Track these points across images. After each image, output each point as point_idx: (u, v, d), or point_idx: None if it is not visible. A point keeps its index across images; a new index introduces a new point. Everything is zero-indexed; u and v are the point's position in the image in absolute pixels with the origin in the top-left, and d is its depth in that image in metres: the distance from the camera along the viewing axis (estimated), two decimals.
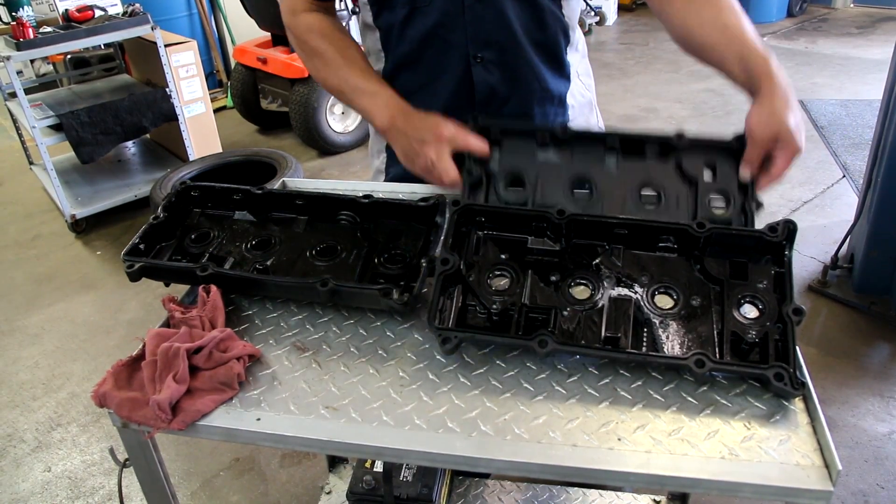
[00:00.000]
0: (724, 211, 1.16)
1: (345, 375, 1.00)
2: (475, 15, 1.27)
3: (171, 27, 5.00)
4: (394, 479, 1.62)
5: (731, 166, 1.16)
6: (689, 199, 1.18)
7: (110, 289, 3.50)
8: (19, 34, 3.50)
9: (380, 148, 1.55)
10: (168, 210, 1.25)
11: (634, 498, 1.79)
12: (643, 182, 1.21)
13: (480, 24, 1.28)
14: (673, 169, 1.20)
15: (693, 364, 0.90)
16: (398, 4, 1.30)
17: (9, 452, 2.54)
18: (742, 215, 1.14)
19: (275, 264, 1.18)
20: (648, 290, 1.04)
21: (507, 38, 1.30)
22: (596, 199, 1.21)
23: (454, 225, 1.09)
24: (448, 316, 1.03)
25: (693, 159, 1.20)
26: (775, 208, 3.79)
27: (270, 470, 2.40)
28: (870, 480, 2.20)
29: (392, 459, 0.91)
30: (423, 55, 1.34)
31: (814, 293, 3.08)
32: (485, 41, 1.30)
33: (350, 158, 4.82)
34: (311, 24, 1.38)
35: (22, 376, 2.92)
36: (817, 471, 0.81)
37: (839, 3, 7.90)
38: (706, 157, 1.19)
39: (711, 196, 1.17)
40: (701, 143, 1.20)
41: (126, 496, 2.16)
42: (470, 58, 1.31)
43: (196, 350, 0.99)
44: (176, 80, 4.00)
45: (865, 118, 4.72)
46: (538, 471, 0.86)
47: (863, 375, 2.62)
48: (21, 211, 4.43)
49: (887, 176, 2.74)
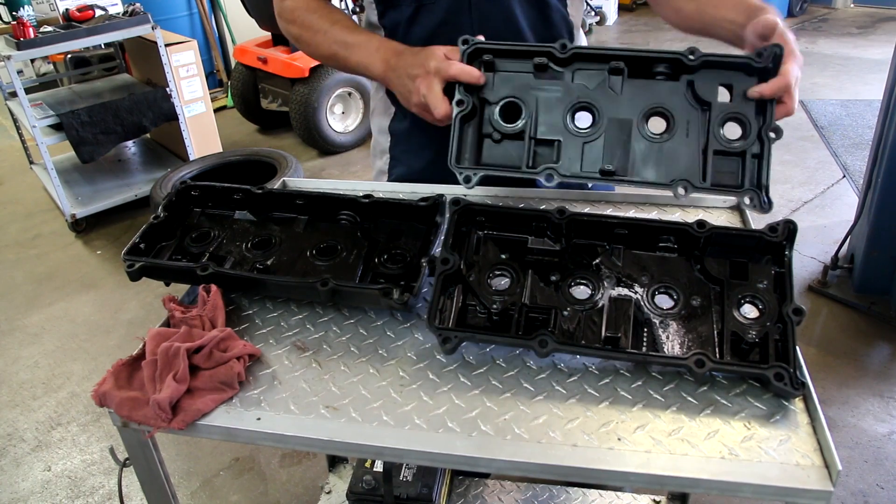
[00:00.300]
0: (739, 140, 1.11)
1: (345, 375, 1.00)
2: (481, 13, 1.28)
3: (172, 27, 5.00)
4: (394, 478, 1.62)
5: (748, 87, 1.11)
6: (700, 127, 1.13)
7: (110, 288, 3.51)
8: (20, 34, 3.50)
9: (383, 149, 1.55)
10: (168, 209, 1.25)
11: (634, 498, 1.79)
12: (651, 106, 1.15)
13: (486, 22, 1.28)
14: (684, 91, 1.15)
15: (693, 364, 0.90)
16: (404, 2, 1.31)
17: (9, 452, 2.54)
18: (759, 143, 1.10)
19: (275, 264, 1.18)
20: (648, 290, 1.04)
21: (514, 35, 1.30)
22: (599, 128, 1.16)
23: (454, 225, 1.09)
24: (448, 316, 1.03)
25: (706, 80, 1.13)
26: (775, 209, 3.78)
27: (270, 469, 2.40)
28: (869, 480, 2.20)
29: (392, 459, 0.91)
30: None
31: (814, 293, 3.08)
32: (491, 39, 1.29)
33: (350, 158, 4.82)
34: (297, 3, 1.38)
35: (22, 376, 2.92)
36: (817, 471, 0.81)
37: (839, 3, 7.90)
38: (721, 77, 1.13)
39: (727, 120, 1.12)
40: (716, 60, 1.12)
41: (126, 495, 2.17)
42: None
43: (196, 349, 0.99)
44: (176, 80, 4.00)
45: (865, 118, 4.72)
46: (538, 471, 0.86)
47: (863, 375, 2.62)
48: (21, 210, 4.43)
49: (887, 176, 2.74)
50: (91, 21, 3.80)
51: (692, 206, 1.35)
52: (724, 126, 1.12)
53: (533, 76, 1.19)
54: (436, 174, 1.38)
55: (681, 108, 1.14)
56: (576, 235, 1.10)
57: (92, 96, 4.09)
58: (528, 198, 1.39)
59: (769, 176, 1.10)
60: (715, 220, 1.16)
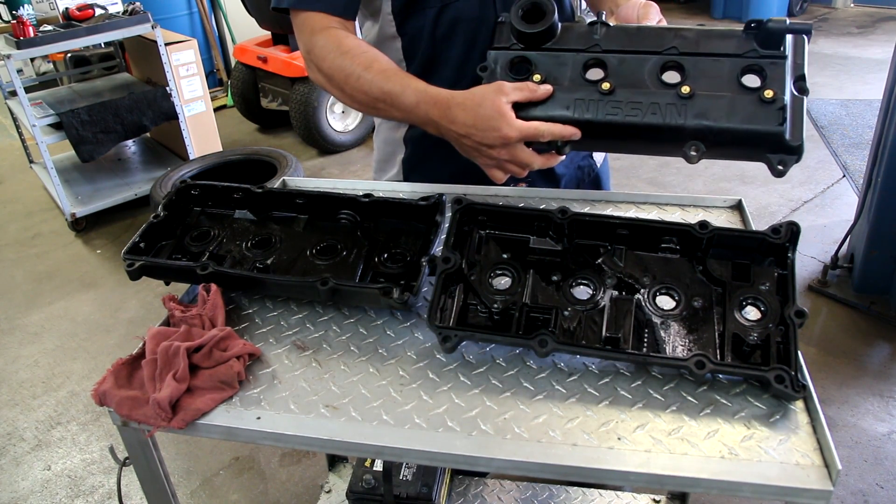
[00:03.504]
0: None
1: (345, 374, 1.00)
2: (506, 8, 1.26)
3: (172, 26, 5.00)
4: (394, 477, 1.62)
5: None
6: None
7: (110, 287, 3.50)
8: (20, 33, 3.50)
9: (393, 160, 1.51)
10: (168, 209, 1.25)
11: (634, 497, 1.79)
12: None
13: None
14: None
15: (694, 365, 0.90)
16: (428, 5, 1.29)
17: (8, 451, 2.54)
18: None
19: (275, 263, 1.18)
20: (650, 290, 1.04)
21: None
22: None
23: (456, 224, 1.09)
24: (449, 315, 1.03)
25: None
26: (775, 208, 3.79)
27: (270, 469, 2.40)
28: (869, 480, 2.20)
29: (392, 458, 0.91)
30: (450, 55, 1.33)
31: (814, 293, 3.08)
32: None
33: (350, 157, 4.82)
34: (328, 42, 1.24)
35: (22, 375, 2.92)
36: (817, 470, 0.81)
37: (839, 2, 7.90)
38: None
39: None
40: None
41: (126, 495, 2.17)
42: None
43: (196, 349, 0.99)
44: (176, 79, 4.00)
45: (865, 118, 4.72)
46: (538, 470, 0.86)
47: (863, 375, 2.62)
48: (21, 209, 4.43)
49: (887, 176, 2.74)
50: (91, 20, 3.80)
51: (692, 206, 1.35)
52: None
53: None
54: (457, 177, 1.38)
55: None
56: (578, 235, 1.10)
57: (92, 95, 4.09)
58: (530, 197, 1.39)
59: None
60: (715, 221, 1.16)
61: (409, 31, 1.33)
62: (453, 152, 1.19)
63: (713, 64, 1.09)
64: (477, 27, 1.30)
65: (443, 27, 1.31)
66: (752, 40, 1.09)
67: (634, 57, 1.12)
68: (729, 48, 1.10)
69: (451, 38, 1.31)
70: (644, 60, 1.12)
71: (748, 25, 1.10)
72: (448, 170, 1.40)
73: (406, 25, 1.33)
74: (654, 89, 1.09)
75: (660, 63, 1.11)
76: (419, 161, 1.47)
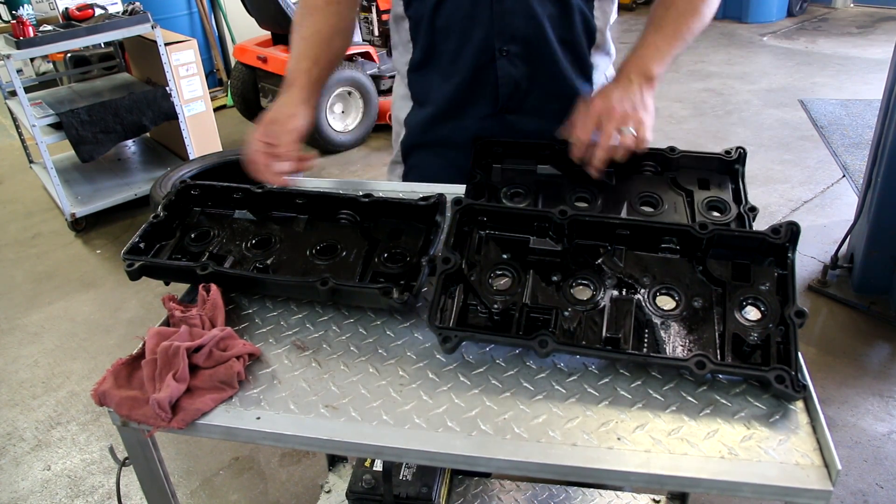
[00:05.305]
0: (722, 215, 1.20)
1: (345, 374, 1.00)
2: (503, 8, 1.29)
3: (172, 26, 5.00)
4: (393, 478, 1.62)
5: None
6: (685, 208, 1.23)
7: (110, 287, 3.50)
8: (19, 32, 3.50)
9: (398, 138, 1.56)
10: (168, 209, 1.25)
11: (634, 497, 1.79)
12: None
13: (508, 18, 1.29)
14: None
15: (694, 366, 0.90)
16: None
17: (8, 451, 2.54)
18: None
19: (275, 263, 1.18)
20: (650, 290, 1.04)
21: (534, 33, 1.31)
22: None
23: (456, 224, 1.09)
24: (449, 315, 1.03)
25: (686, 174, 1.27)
26: (775, 208, 3.79)
27: (270, 469, 2.40)
28: (869, 480, 2.20)
29: (392, 458, 0.91)
30: (449, 46, 1.36)
31: (814, 293, 3.08)
32: (511, 35, 1.31)
33: (350, 157, 4.81)
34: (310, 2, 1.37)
35: (22, 375, 2.92)
36: (817, 470, 0.81)
37: (839, 2, 7.90)
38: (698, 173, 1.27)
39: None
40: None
41: (125, 495, 2.17)
42: (495, 51, 1.32)
43: (196, 349, 0.99)
44: (176, 79, 4.00)
45: (865, 118, 4.72)
46: (538, 470, 0.86)
47: (862, 375, 2.62)
48: (21, 209, 4.42)
49: (887, 176, 2.74)
50: (91, 20, 3.79)
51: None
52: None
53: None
54: (449, 175, 1.41)
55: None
56: (578, 236, 1.10)
57: (92, 95, 4.09)
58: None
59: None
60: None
61: (414, 15, 1.38)
62: (446, 145, 1.34)
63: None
64: (470, 25, 1.32)
65: (441, 18, 1.33)
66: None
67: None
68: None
69: (448, 30, 1.34)
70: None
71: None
72: (438, 161, 1.48)
73: (411, 8, 1.38)
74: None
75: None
76: (412, 148, 1.53)
